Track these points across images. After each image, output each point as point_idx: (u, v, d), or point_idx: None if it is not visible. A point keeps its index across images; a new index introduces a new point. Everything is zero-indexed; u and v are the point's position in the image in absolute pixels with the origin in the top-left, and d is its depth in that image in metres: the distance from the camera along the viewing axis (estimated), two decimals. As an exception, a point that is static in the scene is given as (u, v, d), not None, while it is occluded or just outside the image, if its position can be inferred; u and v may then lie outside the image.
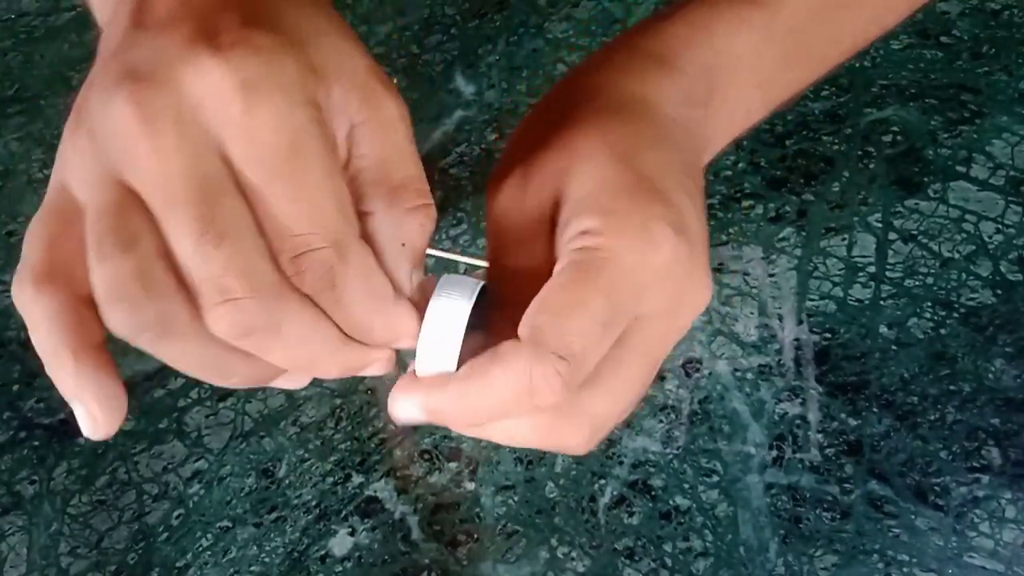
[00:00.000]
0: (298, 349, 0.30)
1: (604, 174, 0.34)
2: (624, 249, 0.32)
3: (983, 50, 0.80)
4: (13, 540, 0.61)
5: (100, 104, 0.29)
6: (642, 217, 0.32)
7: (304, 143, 0.29)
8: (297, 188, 0.29)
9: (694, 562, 0.58)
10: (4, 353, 0.69)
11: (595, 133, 0.35)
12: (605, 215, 0.33)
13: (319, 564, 0.59)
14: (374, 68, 0.33)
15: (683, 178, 0.35)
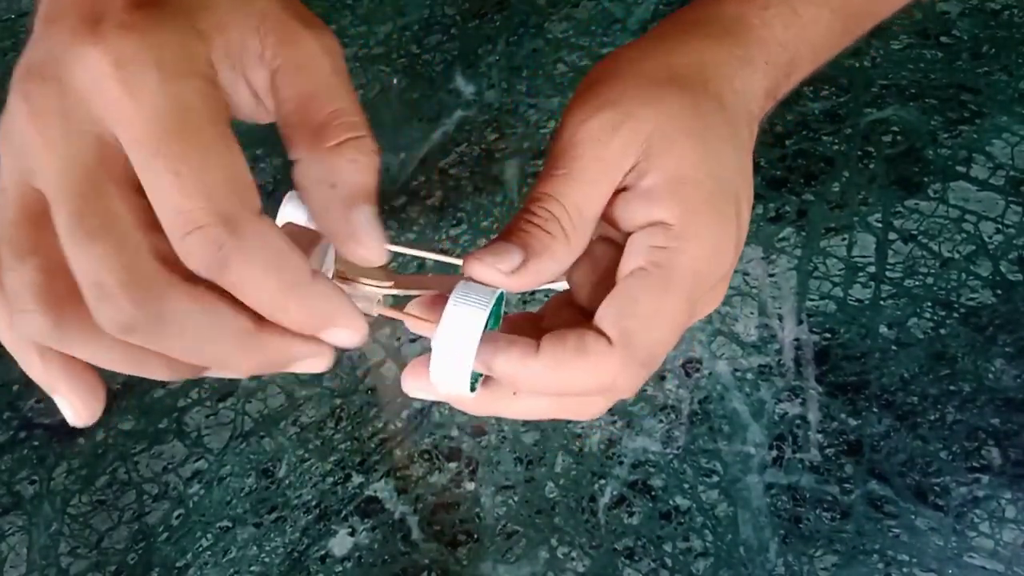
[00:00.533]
0: (194, 343, 0.28)
1: (695, 166, 0.34)
2: (700, 258, 0.33)
3: (983, 50, 0.80)
4: (13, 540, 0.61)
5: (8, 105, 0.28)
6: (720, 228, 0.34)
7: (184, 117, 0.27)
8: (179, 163, 0.27)
9: (694, 562, 0.58)
10: (4, 353, 0.69)
11: (694, 111, 0.34)
12: (688, 214, 0.33)
13: (319, 564, 0.59)
14: (285, 6, 0.31)
15: (750, 181, 0.36)
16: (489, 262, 0.33)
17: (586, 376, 0.32)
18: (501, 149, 0.78)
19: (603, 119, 0.35)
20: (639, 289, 0.33)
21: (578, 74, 0.82)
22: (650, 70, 0.36)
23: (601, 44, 0.84)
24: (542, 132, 0.79)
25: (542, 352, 0.32)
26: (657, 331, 0.32)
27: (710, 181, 0.34)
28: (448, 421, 0.64)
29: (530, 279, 0.33)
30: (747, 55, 0.38)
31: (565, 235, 0.34)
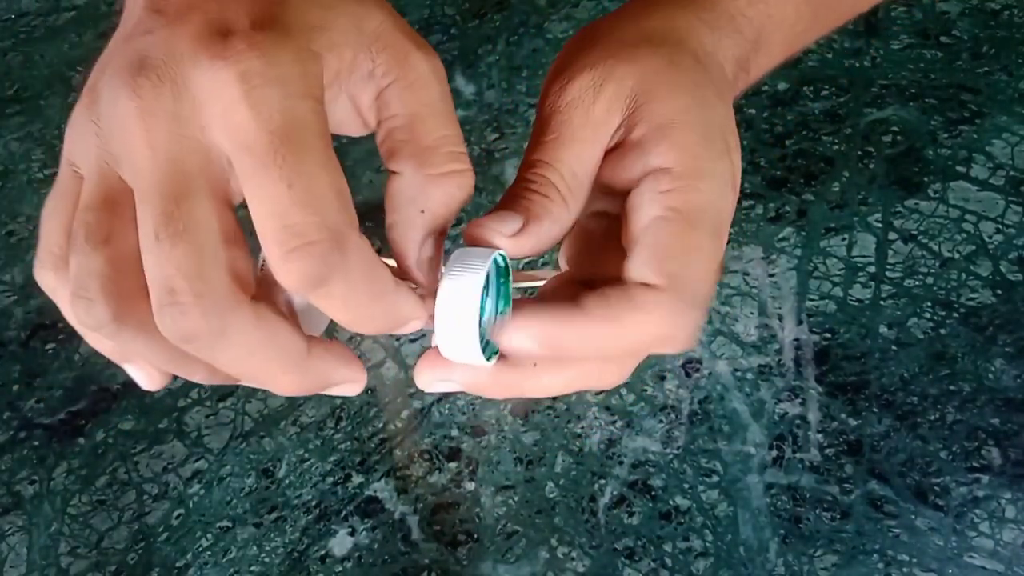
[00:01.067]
0: (246, 360, 0.29)
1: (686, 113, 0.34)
2: (712, 194, 0.33)
3: (983, 50, 0.80)
4: (13, 540, 0.61)
5: (109, 91, 0.29)
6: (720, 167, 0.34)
7: (300, 133, 0.28)
8: (293, 175, 0.28)
9: (694, 562, 0.58)
10: (4, 353, 0.69)
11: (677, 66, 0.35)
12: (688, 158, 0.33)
13: (319, 564, 0.59)
14: (398, 27, 0.32)
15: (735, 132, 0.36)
16: (490, 226, 0.33)
17: (643, 329, 0.31)
18: (501, 149, 0.78)
19: (584, 81, 0.36)
20: (666, 234, 0.33)
21: (578, 74, 0.82)
22: (623, 34, 0.37)
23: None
24: (542, 132, 0.79)
25: (588, 310, 0.31)
26: (700, 267, 0.32)
27: (698, 123, 0.35)
28: (448, 421, 0.64)
29: (532, 242, 0.33)
30: (714, 21, 0.39)
31: (562, 197, 0.35)
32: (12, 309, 0.71)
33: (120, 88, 0.28)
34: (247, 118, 0.28)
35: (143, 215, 0.28)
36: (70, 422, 0.65)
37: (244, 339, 0.28)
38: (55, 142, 0.81)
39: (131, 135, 0.28)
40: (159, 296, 0.27)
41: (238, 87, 0.28)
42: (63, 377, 0.67)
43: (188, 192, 0.28)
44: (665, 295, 0.31)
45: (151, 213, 0.28)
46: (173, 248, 0.27)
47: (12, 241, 0.75)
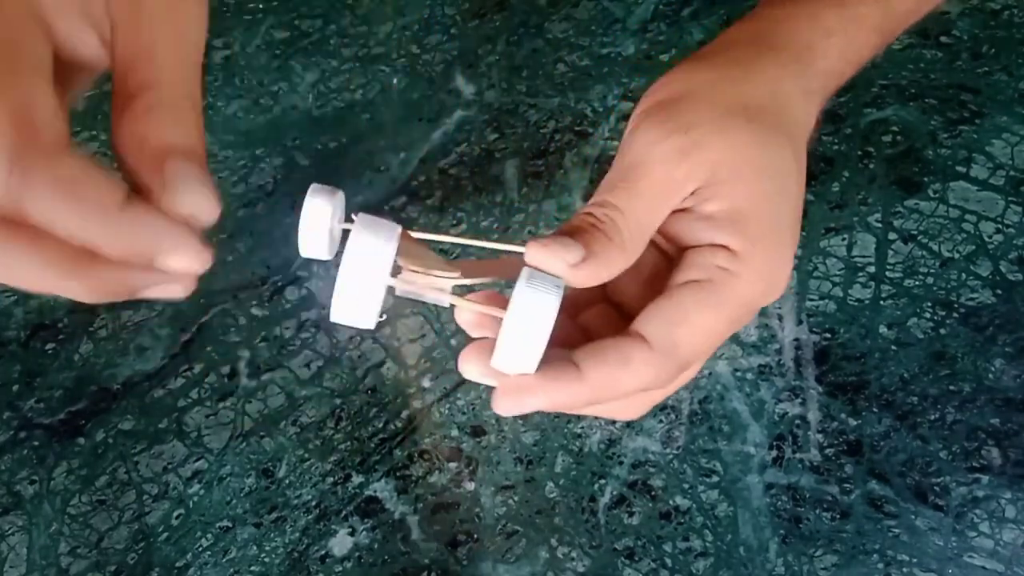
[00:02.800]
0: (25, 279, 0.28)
1: (761, 202, 0.35)
2: (757, 285, 0.34)
3: (983, 50, 0.80)
4: (13, 540, 0.61)
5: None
6: (780, 261, 0.35)
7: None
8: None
9: (694, 562, 0.58)
10: (4, 353, 0.69)
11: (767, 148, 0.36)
12: (750, 244, 0.34)
13: (319, 564, 0.59)
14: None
15: (799, 227, 0.37)
16: (554, 251, 0.34)
17: (630, 382, 0.33)
18: (501, 149, 0.78)
19: (674, 143, 0.36)
20: (692, 301, 0.34)
21: (578, 74, 0.82)
22: (724, 98, 0.37)
23: (601, 44, 0.84)
24: (542, 132, 0.79)
25: (584, 375, 0.33)
26: (700, 343, 0.34)
27: (772, 216, 0.35)
28: (448, 421, 0.64)
29: (585, 276, 0.34)
30: (810, 87, 0.39)
31: (623, 243, 0.35)
32: (12, 309, 0.71)
33: None
34: None
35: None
36: (70, 422, 0.65)
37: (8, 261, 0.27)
38: (55, 142, 0.80)
39: None
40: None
41: None
42: (63, 377, 0.67)
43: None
44: (656, 356, 0.33)
45: None
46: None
47: (12, 241, 0.75)
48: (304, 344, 0.68)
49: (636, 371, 0.33)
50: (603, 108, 0.80)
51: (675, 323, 0.33)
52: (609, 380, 0.33)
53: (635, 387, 0.33)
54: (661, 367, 0.33)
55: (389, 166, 0.77)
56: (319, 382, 0.66)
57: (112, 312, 0.70)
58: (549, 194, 0.72)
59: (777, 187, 0.36)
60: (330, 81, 0.83)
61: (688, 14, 0.85)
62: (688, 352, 0.34)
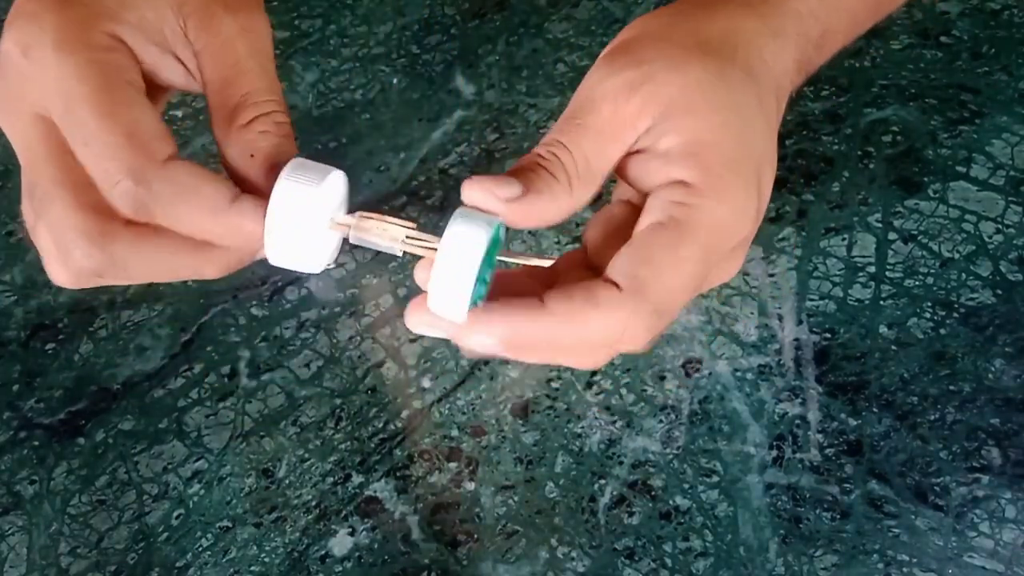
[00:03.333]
0: (151, 273, 0.33)
1: (719, 132, 0.34)
2: (720, 215, 0.33)
3: (983, 50, 0.80)
4: (13, 540, 0.61)
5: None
6: (741, 191, 0.33)
7: (77, 93, 0.31)
8: (85, 131, 0.31)
9: (694, 562, 0.58)
10: (4, 353, 0.69)
11: (723, 81, 0.34)
12: (709, 175, 0.33)
13: (319, 564, 0.59)
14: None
15: (774, 154, 0.36)
16: (487, 186, 0.34)
17: (597, 326, 0.31)
18: (501, 149, 0.78)
19: (624, 77, 0.35)
20: (654, 241, 0.33)
21: (578, 74, 0.82)
22: (679, 35, 0.36)
23: (601, 44, 0.84)
24: (542, 132, 0.79)
25: (549, 308, 0.32)
26: (670, 280, 0.32)
27: (731, 146, 0.34)
28: (448, 421, 0.64)
29: (525, 213, 0.33)
30: (780, 26, 0.37)
31: (568, 180, 0.35)
32: (12, 309, 0.71)
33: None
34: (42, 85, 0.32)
35: None
36: (70, 422, 0.65)
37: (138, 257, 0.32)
38: (55, 142, 0.80)
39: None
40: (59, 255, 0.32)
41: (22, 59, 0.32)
42: (63, 377, 0.67)
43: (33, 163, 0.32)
44: (625, 298, 0.31)
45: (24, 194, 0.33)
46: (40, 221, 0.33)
47: (12, 241, 0.75)
48: (304, 344, 0.68)
49: (605, 312, 0.31)
50: (603, 108, 0.80)
51: (640, 263, 0.32)
52: (575, 315, 0.31)
53: (607, 329, 0.32)
54: (633, 309, 0.31)
55: (389, 166, 0.77)
56: (319, 382, 0.66)
57: (112, 312, 0.70)
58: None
59: (737, 119, 0.34)
60: (330, 81, 0.83)
61: (688, 14, 0.85)
62: (660, 293, 0.32)
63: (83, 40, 0.32)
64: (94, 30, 0.32)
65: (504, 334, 0.32)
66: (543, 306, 0.32)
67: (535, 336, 0.32)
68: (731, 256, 0.35)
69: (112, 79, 0.32)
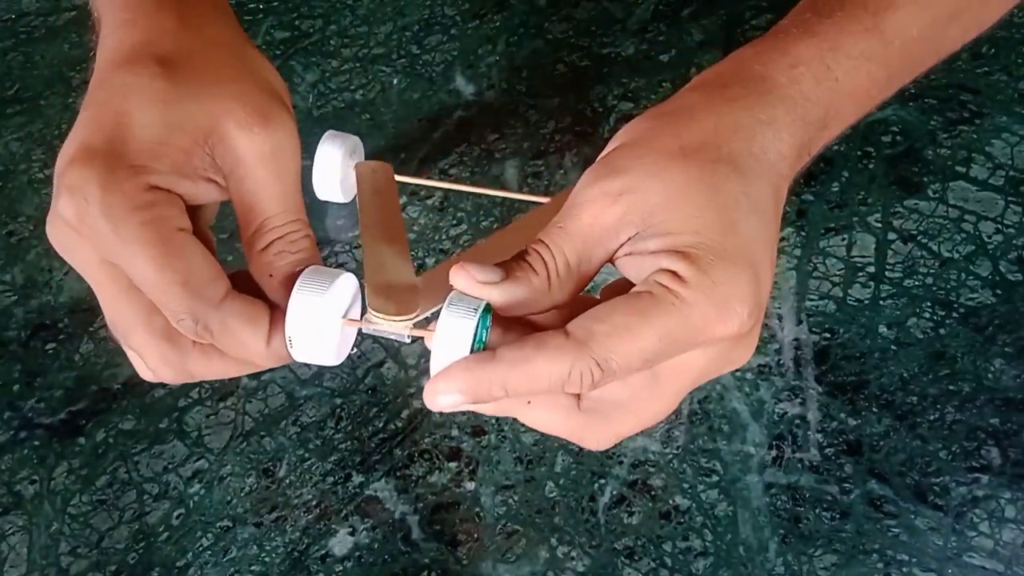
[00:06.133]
0: (215, 374, 0.40)
1: (705, 230, 0.34)
2: (699, 310, 0.33)
3: (982, 50, 0.80)
4: (13, 540, 0.61)
5: None
6: (729, 292, 0.33)
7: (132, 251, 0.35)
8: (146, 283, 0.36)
9: (694, 561, 0.58)
10: (4, 353, 0.69)
11: (705, 180, 0.35)
12: (698, 270, 0.33)
13: (319, 564, 0.59)
14: (233, 111, 0.37)
15: (774, 246, 0.36)
16: (471, 271, 0.36)
17: (541, 370, 0.33)
18: (501, 149, 0.78)
19: (605, 186, 0.36)
20: (621, 302, 0.34)
21: (578, 75, 0.82)
22: (660, 142, 0.37)
23: (601, 44, 0.84)
24: (542, 132, 0.79)
25: (498, 355, 0.34)
26: (620, 343, 0.33)
27: (721, 246, 0.34)
28: (448, 421, 0.64)
29: (506, 298, 0.36)
30: (770, 116, 0.37)
31: (547, 276, 0.37)
32: (12, 309, 0.71)
33: None
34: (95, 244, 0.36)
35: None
36: (70, 422, 0.66)
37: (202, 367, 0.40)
38: (56, 142, 0.81)
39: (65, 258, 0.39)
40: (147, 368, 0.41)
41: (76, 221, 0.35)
42: (63, 377, 0.67)
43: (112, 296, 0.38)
44: (569, 344, 0.33)
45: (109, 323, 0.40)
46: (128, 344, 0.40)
47: (12, 241, 0.75)
48: (304, 344, 0.68)
49: (548, 354, 0.33)
50: (603, 108, 0.80)
51: (596, 319, 0.33)
52: (521, 360, 0.33)
53: (547, 371, 0.33)
54: (574, 357, 0.33)
55: (389, 166, 0.76)
56: (319, 382, 0.66)
57: (112, 312, 0.70)
58: (549, 194, 0.72)
59: (724, 218, 0.35)
60: (330, 81, 0.83)
61: (688, 14, 0.86)
62: (604, 350, 0.33)
63: (127, 204, 0.35)
64: (136, 190, 0.36)
65: (461, 387, 0.35)
66: (493, 354, 0.34)
67: (489, 383, 0.34)
68: (730, 351, 0.36)
69: (162, 233, 0.36)
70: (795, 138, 0.38)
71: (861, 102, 0.40)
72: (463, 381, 0.34)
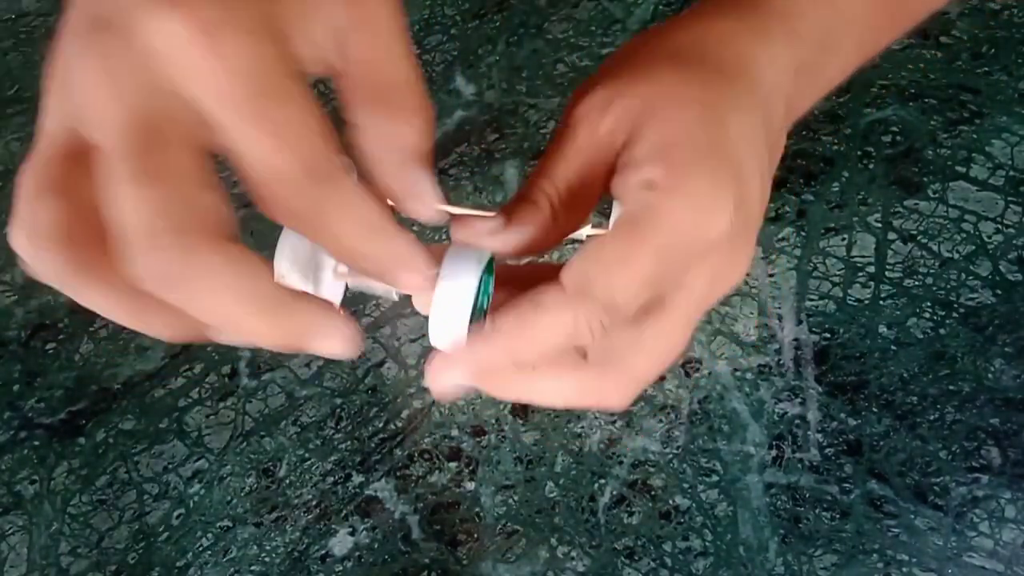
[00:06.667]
0: (219, 303, 0.28)
1: (687, 129, 0.33)
2: (683, 212, 0.31)
3: (983, 50, 0.80)
4: (13, 540, 0.61)
5: (67, 54, 0.28)
6: (711, 185, 0.32)
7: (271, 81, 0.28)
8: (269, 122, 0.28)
9: (694, 561, 0.58)
10: (4, 353, 0.69)
11: (691, 83, 0.34)
12: (675, 172, 0.32)
13: (319, 563, 0.59)
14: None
15: (762, 151, 0.35)
16: (470, 222, 0.34)
17: (545, 329, 0.31)
18: (501, 149, 0.78)
19: (594, 99, 0.35)
20: (607, 238, 0.33)
21: (578, 74, 0.82)
22: (647, 49, 0.36)
23: (601, 44, 0.84)
24: (542, 132, 0.79)
25: (498, 326, 0.32)
26: (619, 277, 0.31)
27: (701, 141, 0.33)
28: (448, 421, 0.64)
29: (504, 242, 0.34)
30: (763, 25, 0.37)
31: (550, 207, 0.35)
32: (13, 309, 0.71)
33: (78, 49, 0.28)
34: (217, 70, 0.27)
35: (115, 163, 0.28)
36: (70, 422, 0.66)
37: (222, 280, 0.28)
38: (55, 142, 0.81)
39: (95, 92, 0.28)
40: (137, 240, 0.27)
41: (202, 38, 0.27)
42: (63, 377, 0.67)
43: (162, 140, 0.28)
44: (569, 296, 0.31)
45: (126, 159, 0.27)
46: (152, 190, 0.27)
47: (13, 241, 0.75)
48: (304, 344, 0.68)
49: (548, 312, 0.31)
50: (603, 108, 0.80)
51: (587, 261, 0.31)
52: (520, 324, 0.31)
53: (552, 331, 0.31)
54: (577, 306, 0.31)
55: (389, 166, 0.77)
56: (319, 382, 0.66)
57: (112, 312, 0.70)
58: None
59: (708, 115, 0.34)
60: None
61: (688, 14, 0.86)
62: (607, 289, 0.31)
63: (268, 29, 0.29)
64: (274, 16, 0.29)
65: (466, 365, 0.32)
66: (491, 325, 0.32)
67: (494, 357, 0.32)
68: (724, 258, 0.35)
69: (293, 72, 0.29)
70: (790, 50, 0.37)
71: (861, 33, 0.40)
72: (466, 362, 0.32)
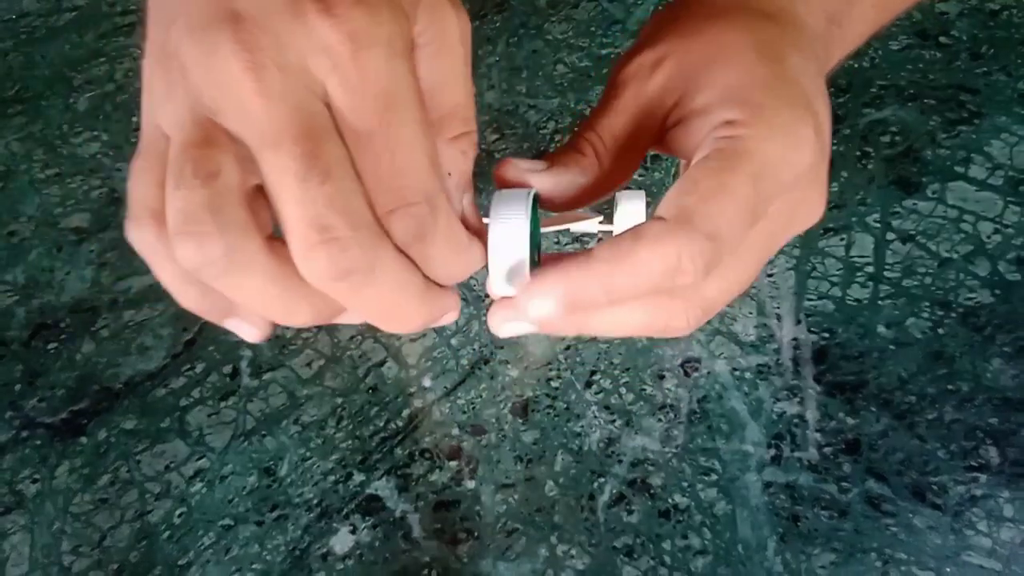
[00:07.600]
0: (388, 295, 0.30)
1: (752, 69, 0.33)
2: (771, 142, 0.31)
3: (982, 50, 0.80)
4: (15, 539, 0.61)
5: (198, 43, 0.28)
6: (790, 115, 0.32)
7: (402, 97, 0.29)
8: (395, 142, 0.28)
9: (693, 560, 0.58)
10: (5, 353, 0.69)
11: (743, 30, 0.34)
12: (752, 108, 0.32)
13: (320, 562, 0.59)
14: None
15: (822, 86, 0.35)
16: (514, 162, 0.34)
17: (647, 261, 0.30)
18: (501, 149, 0.78)
19: (643, 59, 0.36)
20: (700, 172, 0.32)
21: (578, 75, 0.82)
22: (689, 12, 0.37)
23: (601, 45, 0.84)
24: (542, 132, 0.79)
25: (595, 255, 0.31)
26: (719, 206, 0.30)
27: (772, 79, 0.33)
28: (448, 420, 0.64)
29: (555, 183, 0.34)
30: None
31: (595, 153, 0.35)
32: (14, 309, 0.71)
33: (217, 39, 0.27)
34: (356, 80, 0.28)
35: (278, 160, 0.28)
36: (72, 421, 0.66)
37: (390, 274, 0.29)
38: (56, 142, 0.81)
39: (238, 84, 0.27)
40: (310, 235, 0.27)
41: (347, 47, 0.27)
42: (65, 376, 0.68)
43: (320, 134, 0.28)
44: (671, 226, 0.30)
45: (290, 158, 0.27)
46: (323, 186, 0.27)
47: (14, 241, 0.75)
48: (305, 343, 0.68)
49: (652, 245, 0.30)
50: (603, 108, 0.80)
51: (684, 193, 0.31)
52: (621, 256, 0.30)
53: (658, 263, 0.30)
54: (681, 237, 0.30)
55: (390, 166, 0.77)
56: (320, 381, 0.66)
57: (114, 312, 0.70)
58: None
59: (769, 53, 0.34)
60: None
61: (688, 14, 0.86)
62: (709, 218, 0.30)
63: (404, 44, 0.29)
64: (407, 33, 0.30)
65: (559, 293, 0.31)
66: (591, 257, 0.31)
67: (589, 288, 0.31)
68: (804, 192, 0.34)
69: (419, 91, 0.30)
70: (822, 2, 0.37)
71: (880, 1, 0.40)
72: (561, 285, 0.31)
